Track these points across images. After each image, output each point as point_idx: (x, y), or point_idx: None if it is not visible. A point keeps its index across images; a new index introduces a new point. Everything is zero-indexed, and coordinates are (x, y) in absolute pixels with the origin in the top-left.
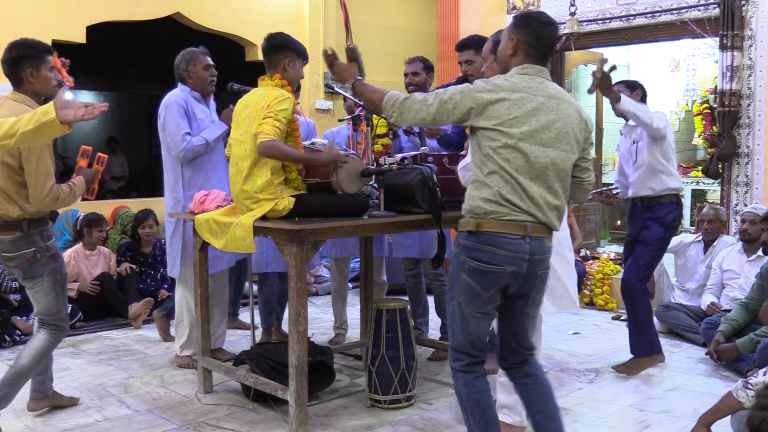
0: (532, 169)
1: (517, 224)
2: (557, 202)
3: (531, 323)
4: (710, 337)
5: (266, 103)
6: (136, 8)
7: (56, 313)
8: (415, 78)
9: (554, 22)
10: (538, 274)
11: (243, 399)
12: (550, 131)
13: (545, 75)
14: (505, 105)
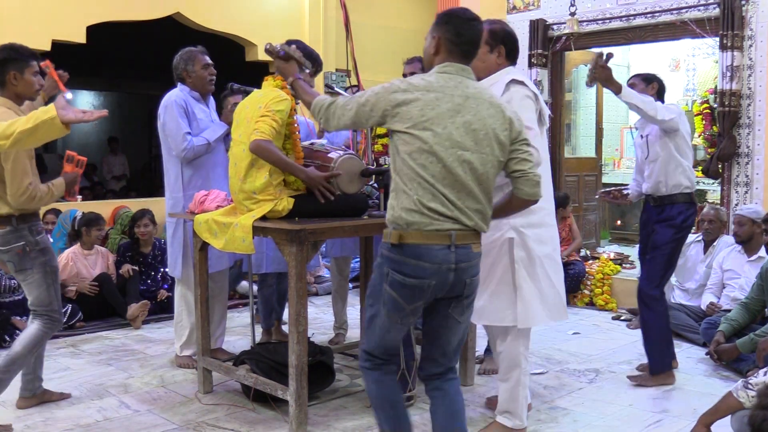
0: (449, 174)
1: (441, 233)
2: (478, 206)
3: (456, 331)
4: (710, 337)
5: (264, 102)
6: (136, 8)
7: (48, 304)
8: None
9: (477, 18)
10: (466, 281)
11: (243, 399)
12: (468, 133)
13: (467, 74)
14: (418, 106)
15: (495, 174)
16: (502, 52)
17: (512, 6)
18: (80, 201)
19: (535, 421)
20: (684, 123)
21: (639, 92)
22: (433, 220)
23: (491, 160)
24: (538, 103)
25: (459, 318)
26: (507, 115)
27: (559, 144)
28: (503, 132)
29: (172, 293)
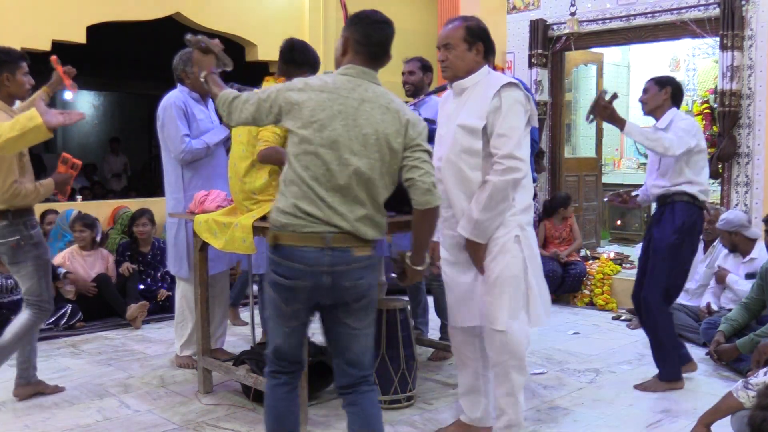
0: (333, 177)
1: (315, 236)
2: (364, 212)
3: (356, 339)
4: (710, 337)
5: None
6: (136, 8)
7: (38, 294)
8: (411, 77)
9: (387, 21)
10: (345, 285)
11: (243, 399)
12: (357, 137)
13: (369, 77)
14: (309, 106)
15: (387, 180)
16: (481, 49)
17: (512, 6)
18: (80, 201)
19: (535, 421)
20: (700, 141)
21: (651, 97)
22: (308, 223)
23: (379, 166)
24: (529, 105)
25: (354, 326)
26: (403, 120)
27: (559, 144)
28: (396, 138)
29: (172, 293)
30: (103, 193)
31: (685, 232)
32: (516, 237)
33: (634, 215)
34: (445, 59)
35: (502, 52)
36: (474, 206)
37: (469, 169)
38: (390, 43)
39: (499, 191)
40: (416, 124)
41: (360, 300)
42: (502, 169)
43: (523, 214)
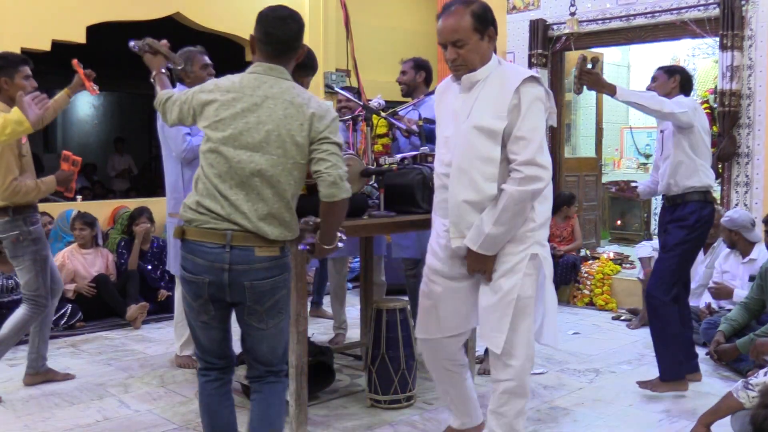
0: (236, 174)
1: (216, 233)
2: (269, 209)
3: (263, 339)
4: (710, 337)
5: None
6: (136, 8)
7: (35, 289)
8: (403, 77)
9: (290, 15)
10: (244, 284)
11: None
12: (259, 134)
13: (276, 73)
14: (215, 106)
15: (296, 176)
16: (493, 34)
17: (512, 6)
18: (80, 201)
19: (535, 421)
20: (700, 118)
21: (660, 85)
22: (210, 219)
23: (283, 162)
24: (549, 102)
25: (258, 326)
26: (308, 114)
27: (559, 144)
28: (300, 133)
29: (172, 293)
30: (104, 193)
31: (698, 230)
32: (533, 255)
33: (634, 215)
34: (456, 57)
35: (502, 52)
36: (486, 218)
37: (484, 180)
38: (295, 38)
39: (516, 203)
40: (323, 117)
41: (262, 301)
42: (521, 177)
43: (542, 228)
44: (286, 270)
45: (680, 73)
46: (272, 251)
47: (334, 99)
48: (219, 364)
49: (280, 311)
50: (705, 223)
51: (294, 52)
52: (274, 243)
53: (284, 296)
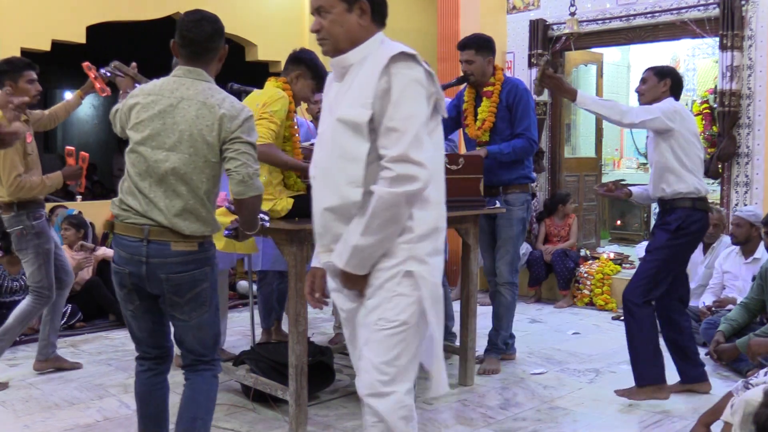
0: (153, 173)
1: (135, 227)
2: (185, 206)
3: (188, 330)
4: (710, 337)
5: (262, 101)
6: (136, 8)
7: (39, 281)
8: None
9: (204, 18)
10: (161, 277)
11: (243, 399)
12: (174, 135)
13: (194, 75)
14: (137, 109)
15: (206, 174)
16: (366, 9)
17: (512, 6)
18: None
19: (535, 421)
20: (684, 122)
21: (650, 88)
22: (131, 215)
23: (196, 161)
24: (432, 86)
25: (181, 317)
26: (218, 114)
27: (559, 144)
28: (211, 133)
29: None
30: (104, 193)
31: (682, 236)
32: (407, 273)
33: (634, 215)
34: (320, 28)
35: (502, 52)
36: (353, 227)
37: (347, 183)
38: (209, 39)
39: (386, 208)
40: (235, 117)
41: (181, 293)
42: (392, 177)
43: (424, 241)
44: (206, 264)
45: (671, 76)
46: (189, 246)
47: None
48: (152, 353)
49: (203, 303)
50: (693, 231)
51: (212, 54)
52: (191, 238)
53: (206, 289)
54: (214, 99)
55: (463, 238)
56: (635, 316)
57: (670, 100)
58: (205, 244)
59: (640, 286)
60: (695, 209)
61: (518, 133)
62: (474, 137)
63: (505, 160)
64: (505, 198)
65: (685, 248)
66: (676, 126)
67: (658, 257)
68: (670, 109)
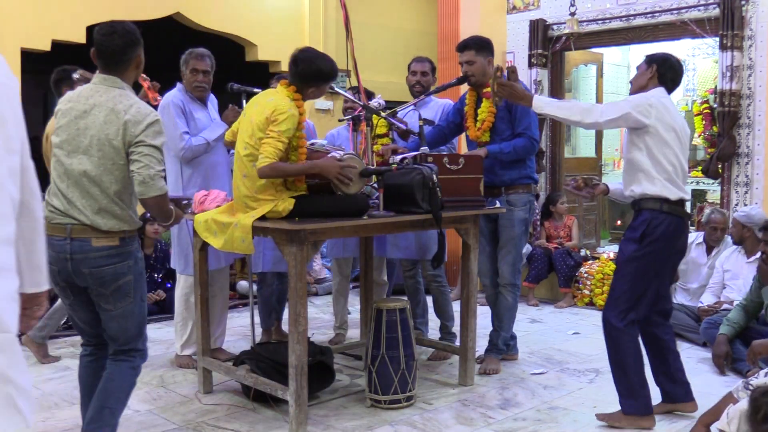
0: (70, 175)
1: (59, 226)
2: (99, 205)
3: (112, 319)
4: (710, 336)
5: (270, 109)
6: (136, 8)
7: None
8: (425, 78)
9: (116, 31)
10: (84, 272)
11: (243, 399)
12: (86, 139)
13: (108, 83)
14: (58, 115)
15: (116, 175)
16: None
17: (512, 6)
18: None
19: (535, 421)
20: (660, 117)
21: (637, 76)
22: (55, 215)
23: (104, 164)
24: None
25: (106, 306)
26: (122, 120)
27: (559, 144)
28: (116, 137)
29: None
30: None
31: (651, 243)
32: None
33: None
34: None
35: (502, 52)
36: None
37: None
38: (121, 51)
39: None
40: (139, 123)
41: (106, 285)
42: None
43: None
44: (128, 258)
45: (659, 63)
46: (110, 241)
47: (335, 99)
48: (92, 341)
49: (127, 295)
50: (659, 237)
51: (125, 64)
52: (111, 234)
53: (129, 282)
54: (122, 105)
55: (463, 238)
56: (618, 343)
57: (655, 91)
58: (127, 238)
59: (617, 306)
60: (661, 212)
61: (519, 132)
62: (474, 138)
63: (505, 159)
64: (507, 198)
65: (656, 257)
66: (650, 122)
67: (630, 271)
68: (643, 103)
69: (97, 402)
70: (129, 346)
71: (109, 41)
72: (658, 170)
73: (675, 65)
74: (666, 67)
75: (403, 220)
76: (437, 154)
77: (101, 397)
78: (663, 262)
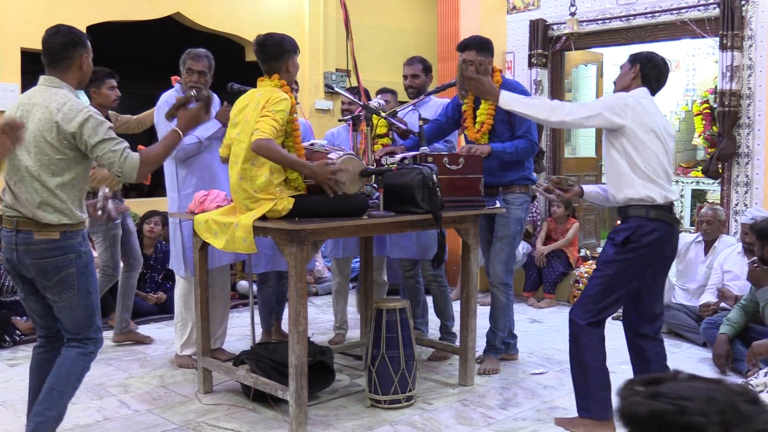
0: (18, 171)
1: (9, 219)
2: (41, 199)
3: (60, 310)
4: (710, 336)
5: (263, 102)
6: (136, 8)
7: (105, 260)
8: (416, 81)
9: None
10: (26, 263)
11: (243, 399)
12: (28, 137)
13: (48, 82)
14: None
15: (51, 170)
16: None
17: (512, 6)
18: None
19: (535, 421)
20: (637, 117)
21: (620, 75)
22: (6, 209)
23: (41, 159)
24: None
25: (53, 298)
26: (55, 119)
27: (559, 144)
28: (50, 134)
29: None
30: None
31: (631, 251)
32: None
33: None
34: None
35: (502, 52)
36: None
37: None
38: (61, 49)
39: None
40: (71, 120)
41: (49, 277)
42: None
43: None
44: (70, 251)
45: (642, 62)
46: (51, 235)
47: (335, 99)
48: (43, 333)
49: (70, 287)
50: (645, 245)
51: (66, 62)
52: (52, 227)
53: (72, 274)
54: (55, 104)
55: (463, 238)
56: (578, 340)
57: (636, 91)
58: (68, 233)
59: (584, 305)
60: (649, 219)
61: (519, 135)
62: (474, 140)
63: (507, 159)
64: (504, 197)
65: (637, 264)
66: (626, 122)
67: (605, 273)
68: (618, 103)
69: (47, 385)
70: (81, 335)
71: (52, 39)
72: (637, 172)
73: (659, 65)
74: (650, 67)
75: (403, 220)
76: (437, 154)
77: (52, 380)
78: (642, 269)
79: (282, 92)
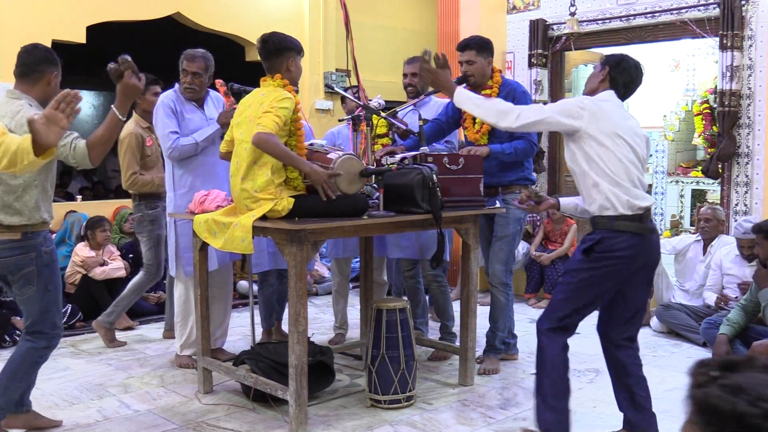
0: None
1: None
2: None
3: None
4: (710, 336)
5: (267, 101)
6: (136, 8)
7: (149, 259)
8: (415, 79)
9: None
10: None
11: (243, 399)
12: None
13: (10, 94)
14: None
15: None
16: None
17: (512, 6)
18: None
19: None
20: (595, 121)
21: (590, 78)
22: None
23: None
24: None
25: (17, 292)
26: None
27: (559, 144)
28: None
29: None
30: (104, 193)
31: (598, 260)
32: None
33: None
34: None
35: (501, 52)
36: None
37: None
38: (34, 63)
39: None
40: (21, 126)
41: (11, 274)
42: None
43: None
44: (30, 251)
45: (611, 65)
46: (12, 235)
47: (335, 99)
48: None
49: (29, 283)
50: (616, 257)
51: (36, 75)
52: (14, 228)
53: (31, 272)
54: (9, 113)
55: (463, 238)
56: (540, 346)
57: (601, 94)
58: (29, 233)
59: (548, 311)
60: (614, 231)
61: (518, 136)
62: (473, 141)
63: (506, 160)
64: (503, 197)
65: (601, 274)
66: (581, 125)
67: (569, 281)
68: (572, 106)
69: (4, 373)
70: (35, 328)
71: (29, 53)
72: (602, 176)
73: (629, 69)
74: (618, 71)
75: (403, 220)
76: (437, 154)
77: (12, 369)
78: (606, 280)
79: (285, 91)
